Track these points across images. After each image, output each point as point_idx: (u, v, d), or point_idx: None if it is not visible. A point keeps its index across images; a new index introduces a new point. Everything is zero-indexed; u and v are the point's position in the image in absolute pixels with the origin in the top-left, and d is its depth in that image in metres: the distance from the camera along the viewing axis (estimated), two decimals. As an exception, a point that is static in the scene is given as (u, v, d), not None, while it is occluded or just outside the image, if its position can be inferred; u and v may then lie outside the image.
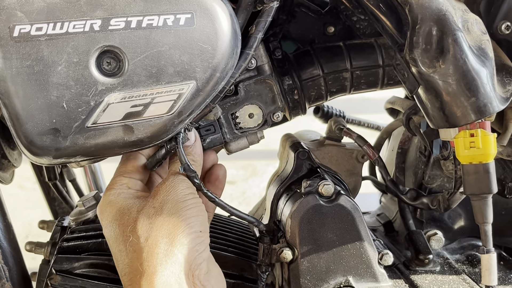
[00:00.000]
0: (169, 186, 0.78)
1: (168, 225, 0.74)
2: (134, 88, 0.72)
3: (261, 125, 0.95)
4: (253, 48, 0.81)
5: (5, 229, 0.83)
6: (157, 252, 0.72)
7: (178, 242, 0.73)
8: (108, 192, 0.80)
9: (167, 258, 0.72)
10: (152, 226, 0.74)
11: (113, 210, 0.77)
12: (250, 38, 0.81)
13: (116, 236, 0.75)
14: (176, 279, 0.71)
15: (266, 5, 0.81)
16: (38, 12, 0.68)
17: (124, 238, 0.74)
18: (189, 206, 0.76)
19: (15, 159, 1.05)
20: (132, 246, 0.73)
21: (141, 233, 0.73)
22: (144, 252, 0.72)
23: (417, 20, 0.80)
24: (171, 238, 0.73)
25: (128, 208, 0.77)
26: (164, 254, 0.72)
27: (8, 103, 0.70)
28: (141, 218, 0.75)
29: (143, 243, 0.73)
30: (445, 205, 0.98)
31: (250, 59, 0.82)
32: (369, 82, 1.03)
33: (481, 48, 0.82)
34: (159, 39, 0.72)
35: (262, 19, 0.81)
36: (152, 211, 0.75)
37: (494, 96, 0.81)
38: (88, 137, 0.73)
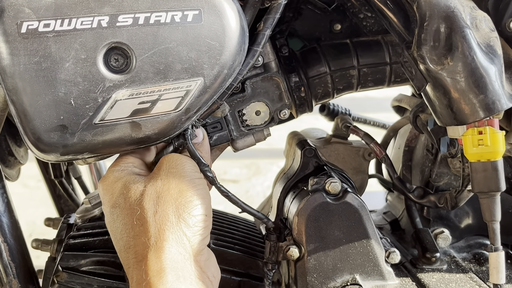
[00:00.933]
0: (176, 161, 0.77)
1: (175, 202, 0.74)
2: (141, 84, 0.72)
3: (268, 123, 0.95)
4: (261, 45, 0.81)
5: (12, 226, 0.83)
6: (164, 229, 0.72)
7: (185, 223, 0.73)
8: (113, 168, 0.79)
9: (174, 236, 0.72)
10: (159, 201, 0.73)
11: (119, 184, 0.76)
12: (258, 35, 0.81)
13: (122, 210, 0.74)
14: (182, 258, 0.71)
15: (274, 2, 0.81)
16: (46, 8, 0.68)
17: (131, 211, 0.73)
18: (197, 186, 0.76)
19: (21, 156, 1.05)
20: (140, 220, 0.73)
21: (148, 206, 0.73)
22: (152, 227, 0.72)
23: (425, 17, 0.79)
24: (178, 216, 0.73)
25: (134, 181, 0.76)
26: (172, 232, 0.72)
27: (15, 100, 0.70)
28: (149, 191, 0.74)
29: (151, 217, 0.72)
30: (452, 203, 0.98)
31: (258, 56, 0.82)
32: (376, 79, 1.03)
33: (490, 45, 0.81)
34: (167, 35, 0.72)
35: (270, 16, 0.81)
36: (160, 184, 0.75)
37: (502, 94, 0.80)
38: (96, 133, 0.73)
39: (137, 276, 0.70)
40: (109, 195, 0.76)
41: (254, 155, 1.08)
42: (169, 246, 0.71)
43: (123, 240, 0.74)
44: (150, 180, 0.76)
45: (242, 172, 3.62)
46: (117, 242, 0.75)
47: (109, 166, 0.80)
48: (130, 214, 0.73)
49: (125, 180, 0.76)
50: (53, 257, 0.99)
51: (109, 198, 0.76)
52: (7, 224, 0.83)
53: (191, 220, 0.73)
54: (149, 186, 0.74)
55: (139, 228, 0.72)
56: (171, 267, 0.69)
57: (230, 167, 3.60)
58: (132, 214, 0.73)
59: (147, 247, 0.71)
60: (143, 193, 0.74)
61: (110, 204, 0.76)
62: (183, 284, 0.70)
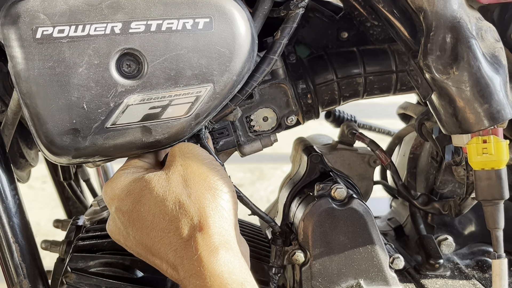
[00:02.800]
0: (188, 146, 0.78)
1: (204, 183, 0.74)
2: (153, 90, 0.73)
3: (275, 129, 0.97)
4: (277, 53, 0.82)
5: (23, 227, 0.85)
6: (204, 207, 0.72)
7: (220, 199, 0.74)
8: (123, 171, 0.78)
9: (215, 213, 0.72)
10: (188, 183, 0.74)
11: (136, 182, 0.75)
12: (275, 44, 0.82)
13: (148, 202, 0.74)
14: (226, 233, 0.72)
15: (292, 11, 0.82)
16: (61, 14, 0.70)
17: (161, 200, 0.73)
18: (216, 166, 0.77)
19: (32, 158, 1.06)
20: (175, 204, 0.72)
21: (180, 191, 0.73)
22: (191, 208, 0.72)
23: (432, 27, 0.81)
24: (212, 195, 0.74)
25: (153, 175, 0.75)
26: (212, 209, 0.72)
27: (29, 103, 0.71)
28: (173, 177, 0.74)
29: (187, 199, 0.72)
30: (456, 210, 0.99)
31: (274, 63, 0.83)
32: (382, 87, 1.04)
33: (495, 56, 0.83)
34: (178, 42, 0.73)
35: (288, 25, 0.82)
36: (181, 169, 0.75)
37: (507, 103, 0.82)
38: (107, 137, 0.74)
39: (187, 254, 0.70)
40: (124, 194, 0.75)
41: (258, 159, 1.10)
42: (213, 221, 0.71)
43: (158, 229, 0.73)
44: (169, 168, 0.76)
45: (246, 176, 3.63)
46: (148, 234, 0.73)
47: (118, 170, 0.80)
48: (161, 202, 0.73)
49: (141, 177, 0.76)
50: (61, 258, 1.00)
51: (125, 196, 0.75)
52: (19, 225, 0.84)
53: (225, 196, 0.74)
54: (171, 173, 0.75)
55: (178, 212, 0.72)
56: (219, 241, 0.70)
57: (234, 171, 3.60)
58: (163, 202, 0.73)
59: (192, 227, 0.71)
60: (168, 180, 0.74)
61: (132, 201, 0.75)
62: (232, 256, 0.71)
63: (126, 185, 0.76)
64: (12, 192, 0.84)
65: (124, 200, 0.75)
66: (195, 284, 0.68)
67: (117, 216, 0.76)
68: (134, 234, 0.75)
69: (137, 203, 0.74)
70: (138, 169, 0.79)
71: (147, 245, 0.74)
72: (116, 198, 0.76)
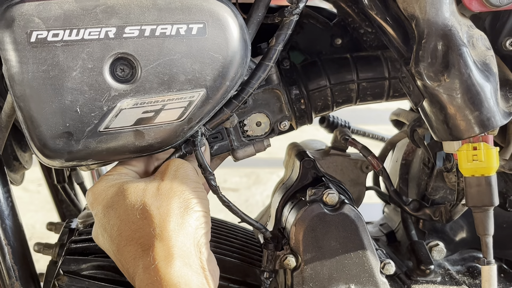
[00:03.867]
0: (181, 164, 0.79)
1: (178, 199, 0.75)
2: (146, 94, 0.74)
3: (268, 134, 0.97)
4: (272, 59, 0.83)
5: (15, 229, 0.85)
6: (169, 221, 0.73)
7: (188, 217, 0.75)
8: (105, 176, 0.80)
9: (180, 228, 0.73)
10: (162, 197, 0.75)
11: (113, 188, 0.77)
12: (270, 50, 0.83)
13: (119, 208, 0.75)
14: (188, 248, 0.73)
15: (286, 18, 0.83)
16: (55, 18, 0.70)
17: (130, 207, 0.74)
18: (198, 188, 0.78)
19: (26, 161, 1.06)
20: (143, 214, 0.74)
21: (151, 201, 0.74)
22: (156, 219, 0.73)
23: (424, 34, 0.81)
24: (182, 211, 0.75)
25: (132, 182, 0.77)
26: (177, 224, 0.73)
27: (23, 106, 0.72)
28: (151, 188, 0.75)
29: (155, 210, 0.74)
30: (447, 217, 1.00)
31: (269, 70, 0.83)
32: (375, 93, 1.05)
33: (486, 64, 0.83)
34: (172, 47, 0.74)
35: (283, 31, 0.83)
36: (163, 183, 0.76)
37: (497, 111, 0.82)
38: (100, 141, 0.74)
39: (144, 263, 0.71)
40: (101, 198, 0.77)
41: (254, 164, 1.10)
42: (176, 235, 0.73)
43: (123, 235, 0.74)
44: (154, 179, 0.77)
45: (242, 181, 3.63)
46: (114, 239, 0.75)
47: (101, 176, 0.81)
48: (130, 210, 0.74)
49: (120, 183, 0.77)
50: (54, 261, 1.01)
51: (101, 201, 0.77)
52: (11, 228, 0.84)
53: (195, 214, 0.75)
54: (151, 184, 0.76)
55: (143, 221, 0.73)
56: (178, 254, 0.71)
57: (230, 176, 3.61)
58: (132, 210, 0.74)
59: (153, 237, 0.72)
60: (144, 190, 0.75)
61: (103, 205, 0.76)
62: (190, 270, 0.71)
63: (103, 190, 0.77)
64: (5, 195, 0.85)
65: (99, 204, 0.77)
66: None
67: (95, 220, 0.78)
68: (104, 240, 0.77)
69: (109, 208, 0.76)
70: (121, 175, 0.80)
71: (114, 251, 0.75)
72: (94, 202, 0.78)
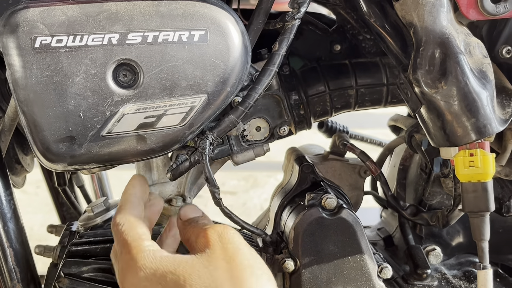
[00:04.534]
0: (227, 236, 0.73)
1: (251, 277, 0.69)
2: (148, 100, 0.75)
3: (267, 138, 0.98)
4: (276, 64, 0.83)
5: (18, 232, 0.86)
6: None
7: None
8: (134, 255, 0.70)
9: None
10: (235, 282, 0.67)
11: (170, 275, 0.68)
12: (274, 55, 0.83)
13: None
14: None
15: (288, 23, 0.83)
16: (59, 25, 0.71)
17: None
18: (253, 252, 0.73)
19: (27, 164, 1.07)
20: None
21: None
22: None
23: (421, 42, 0.82)
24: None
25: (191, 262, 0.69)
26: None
27: (26, 111, 0.72)
28: (217, 272, 0.68)
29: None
30: (444, 222, 1.01)
31: (274, 75, 0.83)
32: (373, 99, 1.06)
33: (482, 71, 0.84)
34: (174, 54, 0.75)
35: (285, 36, 0.83)
36: (224, 264, 0.69)
37: (493, 118, 0.84)
38: (103, 145, 0.75)
39: None
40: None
41: (252, 167, 1.11)
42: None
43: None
44: (208, 257, 0.70)
45: (240, 184, 3.64)
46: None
47: (127, 255, 0.72)
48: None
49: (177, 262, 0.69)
50: (55, 263, 1.02)
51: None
52: (13, 230, 0.85)
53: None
54: (213, 266, 0.68)
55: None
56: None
57: (228, 179, 3.62)
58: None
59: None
60: (210, 273, 0.68)
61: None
62: None
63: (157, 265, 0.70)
64: (7, 198, 0.86)
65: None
66: None
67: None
68: None
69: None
70: (149, 243, 0.73)
71: None
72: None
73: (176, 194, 1.04)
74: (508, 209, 1.09)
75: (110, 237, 0.97)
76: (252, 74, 0.91)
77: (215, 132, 0.83)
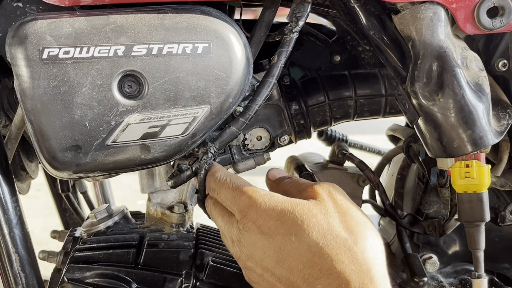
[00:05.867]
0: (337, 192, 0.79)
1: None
2: (152, 110, 0.77)
3: (268, 148, 1.00)
4: (274, 76, 0.84)
5: (23, 238, 0.88)
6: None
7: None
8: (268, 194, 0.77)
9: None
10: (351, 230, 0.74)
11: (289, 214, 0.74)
12: (273, 68, 0.85)
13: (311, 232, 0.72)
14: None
15: (286, 36, 0.85)
16: (66, 36, 0.73)
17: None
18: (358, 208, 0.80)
19: (32, 171, 1.09)
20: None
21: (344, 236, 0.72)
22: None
23: (419, 55, 0.84)
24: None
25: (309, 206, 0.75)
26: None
27: (33, 120, 0.74)
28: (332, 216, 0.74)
29: (354, 246, 0.72)
30: (440, 231, 1.02)
31: (273, 87, 0.85)
32: (372, 110, 1.08)
33: (479, 84, 0.86)
34: (178, 65, 0.76)
35: (284, 49, 0.85)
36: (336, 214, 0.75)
37: (489, 130, 0.85)
38: (107, 154, 0.77)
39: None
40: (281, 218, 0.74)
41: (251, 172, 1.12)
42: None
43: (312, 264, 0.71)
44: (326, 212, 0.75)
45: (239, 189, 3.64)
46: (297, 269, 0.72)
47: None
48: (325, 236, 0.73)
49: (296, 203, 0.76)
50: (58, 268, 1.03)
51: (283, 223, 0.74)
52: (19, 236, 0.87)
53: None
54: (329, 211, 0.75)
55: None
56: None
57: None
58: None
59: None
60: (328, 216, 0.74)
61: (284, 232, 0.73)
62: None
63: (279, 204, 0.75)
64: (13, 204, 0.87)
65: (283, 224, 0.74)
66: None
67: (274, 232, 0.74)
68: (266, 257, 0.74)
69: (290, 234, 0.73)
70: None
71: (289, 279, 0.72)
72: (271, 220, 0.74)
73: (178, 201, 1.05)
74: (503, 218, 1.10)
75: (113, 243, 0.99)
76: (254, 84, 0.93)
77: (216, 144, 0.85)
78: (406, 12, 0.83)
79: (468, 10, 0.84)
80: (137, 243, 0.99)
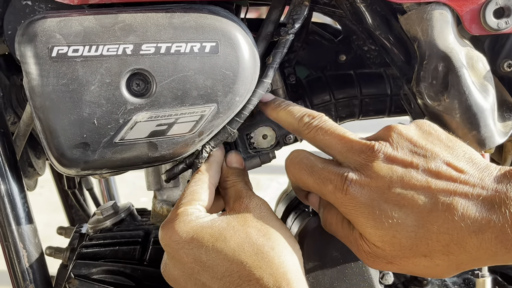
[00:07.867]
0: (261, 209, 0.81)
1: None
2: (160, 108, 0.77)
3: (273, 146, 1.01)
4: (269, 77, 0.86)
5: (31, 234, 0.88)
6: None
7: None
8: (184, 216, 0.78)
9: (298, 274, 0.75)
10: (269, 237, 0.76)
11: (209, 229, 0.76)
12: (268, 68, 0.86)
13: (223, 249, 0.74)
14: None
15: (282, 37, 0.86)
16: (76, 35, 0.73)
17: (239, 246, 0.74)
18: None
19: (40, 168, 1.10)
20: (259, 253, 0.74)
21: (262, 242, 0.75)
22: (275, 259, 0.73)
23: (425, 56, 0.85)
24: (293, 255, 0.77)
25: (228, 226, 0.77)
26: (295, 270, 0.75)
27: (42, 117, 0.75)
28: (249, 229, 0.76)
29: (270, 252, 0.74)
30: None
31: (267, 87, 0.86)
32: (377, 109, 1.09)
33: (484, 85, 0.86)
34: (186, 64, 0.77)
35: (279, 50, 0.86)
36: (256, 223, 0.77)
37: (494, 130, 0.86)
38: (115, 151, 0.78)
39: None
40: (196, 239, 0.76)
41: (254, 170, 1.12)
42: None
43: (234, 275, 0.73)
44: (244, 223, 0.78)
45: (242, 187, 3.65)
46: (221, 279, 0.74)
47: (168, 220, 0.80)
48: (239, 248, 0.75)
49: (208, 223, 0.78)
50: (65, 265, 1.04)
51: (201, 242, 0.76)
52: (27, 232, 0.88)
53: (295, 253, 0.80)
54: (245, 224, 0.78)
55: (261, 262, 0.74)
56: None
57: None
58: (240, 249, 0.75)
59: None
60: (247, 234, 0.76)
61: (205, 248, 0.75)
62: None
63: (195, 229, 0.77)
64: (22, 200, 0.88)
65: (196, 246, 0.76)
66: None
67: (184, 261, 0.77)
68: (205, 281, 0.75)
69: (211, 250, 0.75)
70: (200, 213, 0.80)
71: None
72: (191, 242, 0.76)
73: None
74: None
75: (119, 240, 1.00)
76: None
77: (211, 142, 0.86)
78: (412, 13, 0.84)
79: (474, 11, 0.84)
80: (143, 240, 1.00)
